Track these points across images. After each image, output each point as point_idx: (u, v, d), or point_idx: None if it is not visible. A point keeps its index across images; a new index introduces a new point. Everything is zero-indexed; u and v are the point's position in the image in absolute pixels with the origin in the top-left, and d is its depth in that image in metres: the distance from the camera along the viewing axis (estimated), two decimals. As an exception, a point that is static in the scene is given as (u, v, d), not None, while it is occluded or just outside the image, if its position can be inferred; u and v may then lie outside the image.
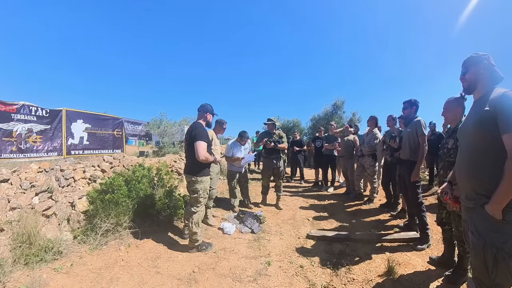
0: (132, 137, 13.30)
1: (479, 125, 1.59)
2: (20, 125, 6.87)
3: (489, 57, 1.69)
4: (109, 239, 3.36)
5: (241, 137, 5.13)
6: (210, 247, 3.40)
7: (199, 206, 3.33)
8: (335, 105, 16.88)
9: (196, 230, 3.28)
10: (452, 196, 2.02)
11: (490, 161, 1.53)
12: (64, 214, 3.68)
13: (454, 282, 2.52)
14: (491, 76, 1.67)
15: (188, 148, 3.33)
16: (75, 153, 8.13)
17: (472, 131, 1.65)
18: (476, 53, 1.74)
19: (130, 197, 3.70)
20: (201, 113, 3.49)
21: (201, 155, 3.12)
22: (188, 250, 3.34)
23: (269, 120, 5.29)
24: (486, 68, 1.68)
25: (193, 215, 3.29)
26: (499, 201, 1.44)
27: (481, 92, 1.70)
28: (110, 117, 9.54)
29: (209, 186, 3.51)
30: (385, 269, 2.78)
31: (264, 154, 5.40)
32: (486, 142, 1.55)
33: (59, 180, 4.44)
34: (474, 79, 1.74)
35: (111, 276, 2.68)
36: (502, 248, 1.45)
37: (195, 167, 3.29)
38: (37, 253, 2.83)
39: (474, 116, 1.69)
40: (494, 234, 1.49)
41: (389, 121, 4.90)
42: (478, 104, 1.71)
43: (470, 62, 1.76)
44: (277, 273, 2.83)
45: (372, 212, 4.98)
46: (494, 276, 1.48)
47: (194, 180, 3.26)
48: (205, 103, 3.52)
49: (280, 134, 5.39)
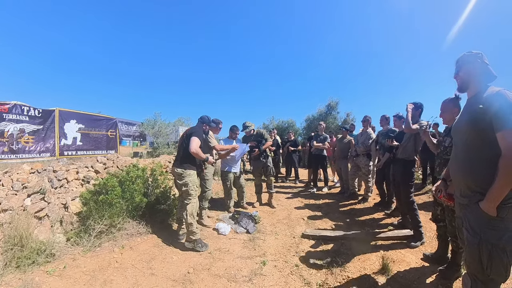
0: (126, 138, 13.22)
1: (473, 123, 1.60)
2: (12, 125, 6.77)
3: (483, 56, 1.70)
4: (103, 241, 3.33)
5: (232, 131, 5.10)
6: (206, 247, 3.39)
7: (191, 198, 3.42)
8: (329, 105, 16.98)
9: (191, 220, 3.33)
10: (446, 193, 2.04)
11: (484, 158, 1.54)
12: (57, 216, 3.64)
13: (448, 278, 2.55)
14: (484, 75, 1.68)
15: (182, 144, 3.56)
16: (68, 154, 8.04)
17: (465, 129, 1.67)
18: (470, 52, 1.75)
19: (124, 198, 3.67)
20: (200, 124, 3.95)
21: (192, 147, 3.35)
22: (184, 244, 3.39)
23: (244, 127, 5.25)
24: (479, 67, 1.69)
25: (187, 206, 3.36)
26: (493, 198, 1.45)
27: (474, 90, 1.71)
28: (103, 117, 9.45)
29: (197, 179, 3.63)
30: (380, 267, 2.80)
31: (252, 158, 5.50)
32: (479, 140, 1.56)
33: (52, 181, 4.38)
34: (466, 77, 1.75)
35: (105, 278, 2.66)
36: (497, 244, 1.47)
37: (183, 161, 3.48)
38: (29, 255, 2.79)
39: (468, 114, 1.70)
40: (489, 231, 1.50)
41: (382, 121, 4.93)
42: (471, 102, 1.73)
43: (463, 61, 1.77)
44: (272, 273, 2.83)
45: (367, 211, 5.02)
46: (489, 272, 1.50)
47: (181, 173, 3.42)
48: (205, 115, 4.01)
49: (259, 133, 5.34)
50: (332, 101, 16.88)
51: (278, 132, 11.84)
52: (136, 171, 4.13)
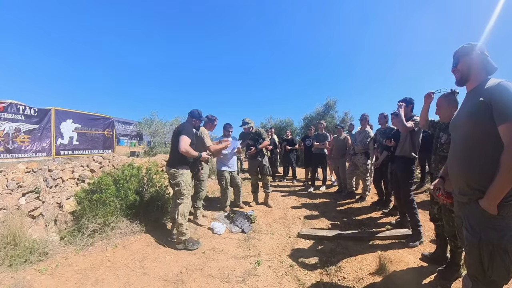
0: (123, 137, 13.16)
1: (473, 116, 1.54)
2: (8, 124, 6.70)
3: (482, 47, 1.64)
4: (96, 240, 3.29)
5: (225, 129, 5.09)
6: (198, 244, 3.38)
7: (184, 198, 3.40)
8: (327, 104, 16.98)
9: (182, 221, 3.31)
10: (444, 191, 2.00)
11: (484, 154, 1.48)
12: (51, 215, 3.62)
13: (447, 278, 2.49)
14: (484, 67, 1.63)
15: (173, 143, 3.52)
16: (65, 153, 7.98)
17: (465, 122, 1.60)
18: (469, 43, 1.69)
19: (118, 196, 3.64)
20: (189, 118, 3.80)
21: (182, 147, 3.28)
22: (175, 245, 3.34)
23: (243, 123, 5.29)
24: (479, 58, 1.63)
25: (179, 206, 3.35)
26: (494, 195, 1.38)
27: (475, 83, 1.65)
28: (100, 116, 9.38)
29: (190, 179, 3.60)
30: (377, 267, 2.76)
31: (248, 156, 5.46)
32: (479, 134, 1.50)
33: (47, 181, 4.36)
34: (466, 69, 1.68)
35: (96, 277, 2.62)
36: (498, 244, 1.40)
37: (176, 160, 3.44)
38: (22, 254, 2.78)
39: (467, 107, 1.65)
40: (489, 230, 1.44)
41: (380, 119, 4.90)
42: (471, 95, 1.67)
43: (462, 52, 1.71)
44: (267, 273, 2.80)
45: (364, 210, 4.98)
46: (491, 273, 1.44)
47: (174, 173, 3.39)
48: (195, 109, 3.83)
49: (258, 131, 5.35)
50: (330, 100, 16.89)
51: (276, 131, 11.80)
52: (131, 170, 4.10)
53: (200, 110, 3.86)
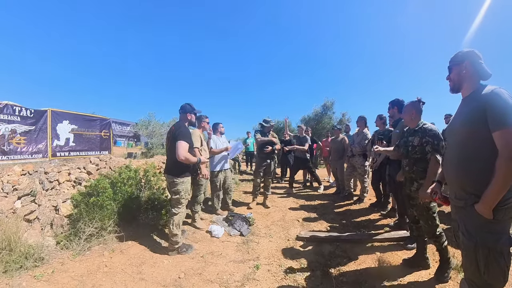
0: (120, 138, 13.10)
1: (468, 123, 1.56)
2: (3, 125, 6.63)
3: (476, 53, 1.65)
4: (93, 244, 3.26)
5: (214, 128, 5.09)
6: (191, 249, 3.35)
7: (180, 208, 3.31)
8: (324, 105, 16.93)
9: (176, 232, 3.24)
10: (441, 195, 2.01)
11: (480, 159, 1.51)
12: (48, 219, 3.58)
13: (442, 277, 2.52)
14: (478, 73, 1.64)
15: (170, 148, 3.32)
16: (61, 155, 7.91)
17: (460, 129, 1.63)
18: (461, 51, 1.71)
19: (115, 200, 3.60)
20: (182, 115, 3.53)
21: (181, 154, 3.10)
22: (168, 252, 3.28)
23: (265, 122, 5.42)
24: (471, 66, 1.65)
25: (174, 217, 3.25)
26: (489, 200, 1.41)
27: (469, 90, 1.68)
28: (97, 117, 9.31)
29: (190, 186, 3.50)
30: (376, 269, 2.76)
31: (260, 154, 5.41)
32: (475, 140, 1.53)
33: (43, 183, 4.31)
34: (457, 78, 1.72)
35: (93, 283, 2.59)
36: (494, 248, 1.43)
37: (175, 168, 3.28)
38: (17, 260, 2.74)
39: (462, 114, 1.67)
40: (485, 234, 1.47)
41: (377, 121, 4.89)
42: (466, 102, 1.70)
43: (454, 61, 1.73)
44: (266, 277, 2.77)
45: (362, 211, 4.98)
46: (486, 277, 1.47)
47: (174, 182, 3.25)
48: (185, 103, 3.54)
49: (274, 135, 5.51)
50: (328, 101, 16.83)
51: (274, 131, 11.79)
52: (128, 172, 4.07)
53: (191, 103, 3.58)
